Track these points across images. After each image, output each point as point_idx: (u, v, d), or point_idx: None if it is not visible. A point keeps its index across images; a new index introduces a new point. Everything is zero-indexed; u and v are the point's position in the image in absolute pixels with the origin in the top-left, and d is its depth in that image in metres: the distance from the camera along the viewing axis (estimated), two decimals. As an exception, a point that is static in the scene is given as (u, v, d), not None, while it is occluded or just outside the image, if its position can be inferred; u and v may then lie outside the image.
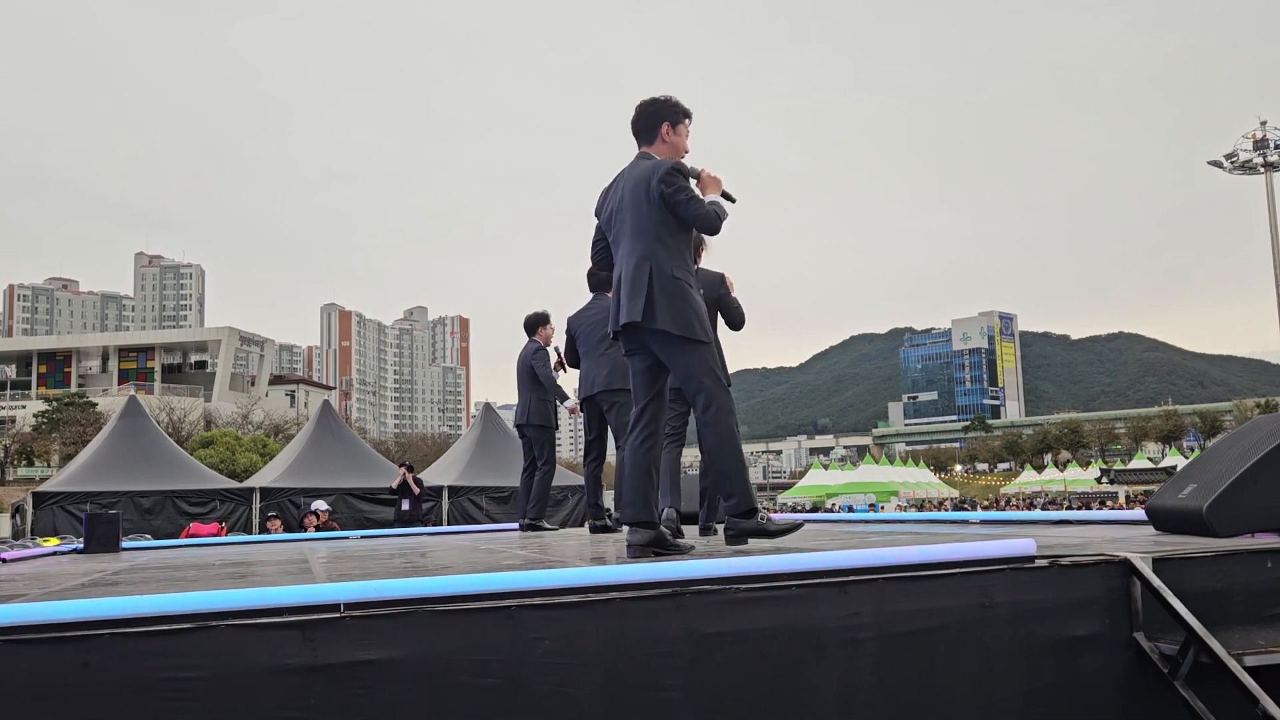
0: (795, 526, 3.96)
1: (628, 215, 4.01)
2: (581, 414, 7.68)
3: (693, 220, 3.92)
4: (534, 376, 7.80)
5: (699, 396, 3.88)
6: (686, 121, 4.14)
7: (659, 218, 3.92)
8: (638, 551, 3.79)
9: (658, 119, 4.09)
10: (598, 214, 4.29)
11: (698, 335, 3.87)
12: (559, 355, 7.69)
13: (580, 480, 17.51)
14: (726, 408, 3.90)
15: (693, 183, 4.10)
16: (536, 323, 7.99)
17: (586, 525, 7.24)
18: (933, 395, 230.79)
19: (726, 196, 4.14)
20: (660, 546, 3.80)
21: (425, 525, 13.77)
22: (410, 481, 14.64)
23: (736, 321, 5.47)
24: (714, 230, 3.93)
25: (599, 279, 6.54)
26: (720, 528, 4.51)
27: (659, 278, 3.87)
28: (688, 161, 4.12)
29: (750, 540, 3.96)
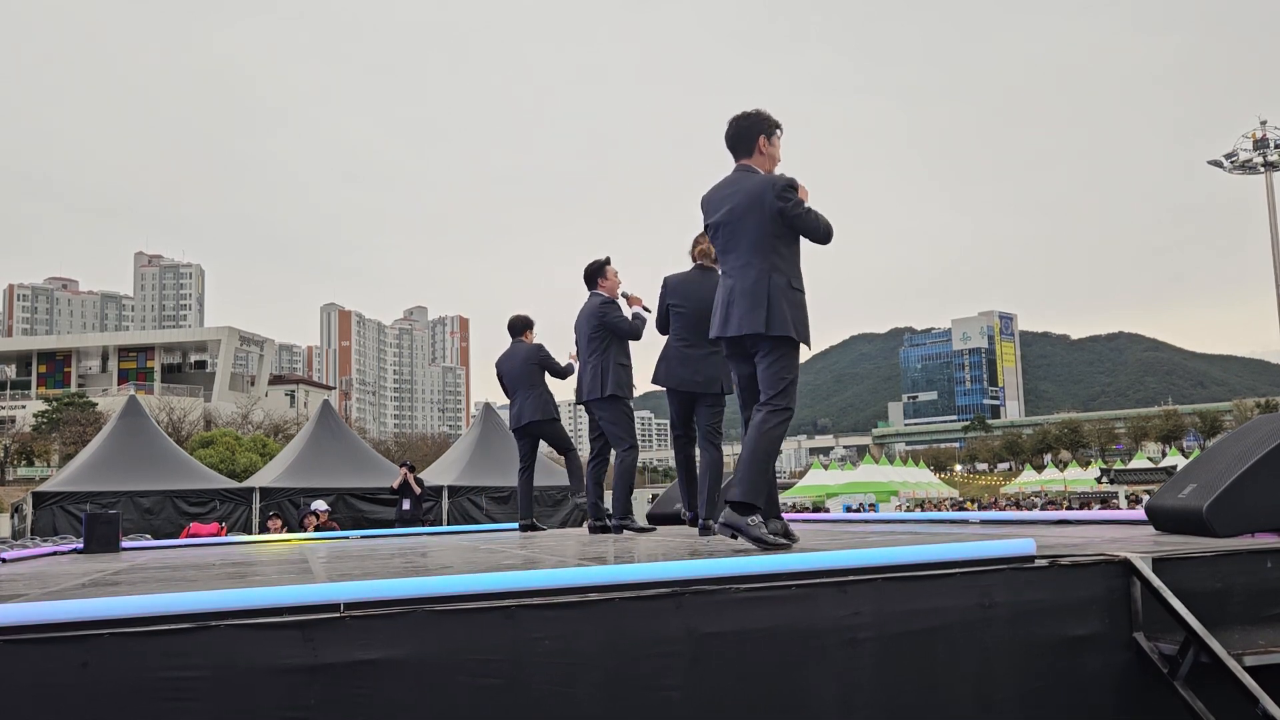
0: (788, 544, 3.85)
1: (740, 229, 4.14)
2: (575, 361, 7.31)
3: (809, 232, 4.08)
4: (539, 375, 7.77)
5: (777, 395, 4.03)
6: (779, 133, 4.30)
7: (775, 231, 4.05)
8: (720, 528, 3.94)
9: (754, 132, 4.24)
10: (704, 210, 4.44)
11: (807, 340, 4.11)
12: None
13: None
14: (786, 414, 4.05)
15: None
16: (525, 326, 7.99)
17: (586, 525, 7.20)
18: (933, 395, 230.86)
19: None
20: (745, 534, 3.87)
21: (425, 525, 13.77)
22: (411, 481, 14.64)
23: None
24: (826, 240, 4.09)
25: (589, 273, 6.58)
26: (716, 525, 4.54)
27: (777, 289, 4.03)
28: (778, 170, 4.26)
29: (738, 538, 3.90)
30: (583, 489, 7.77)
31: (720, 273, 4.31)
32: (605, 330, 6.38)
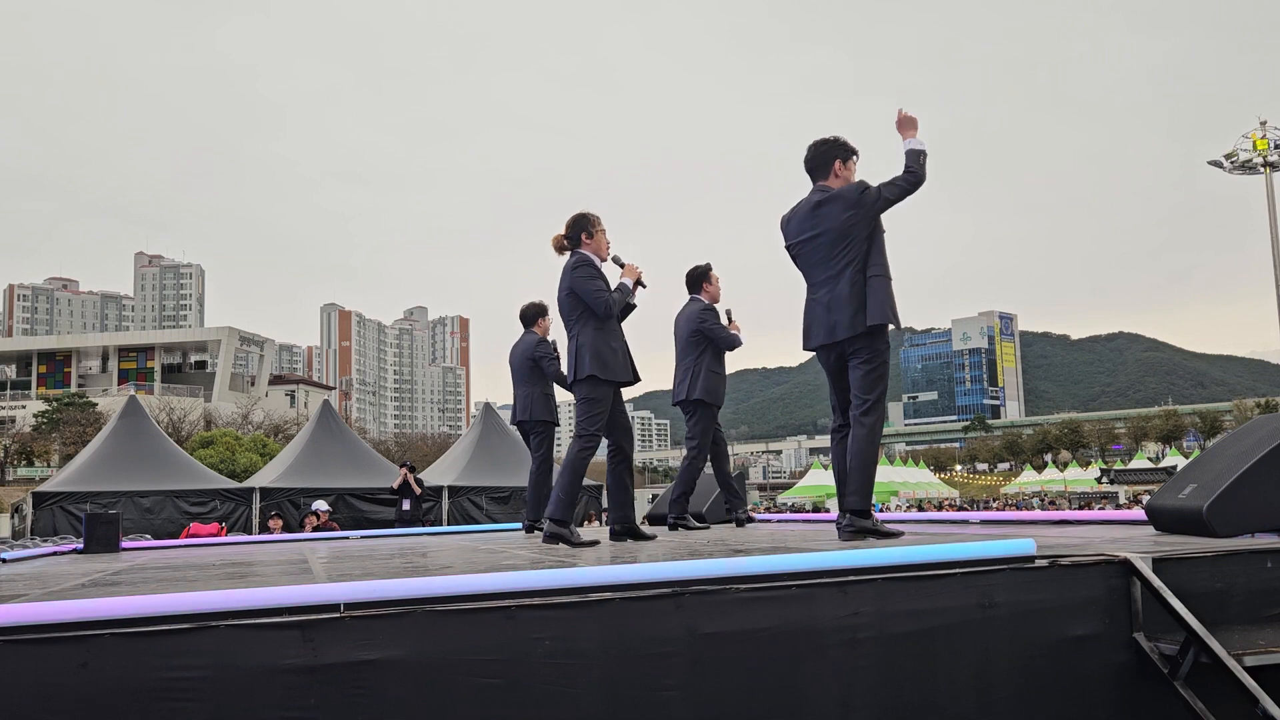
0: (899, 534, 4.28)
1: (825, 243, 4.41)
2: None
3: (900, 197, 4.35)
4: (536, 370, 7.52)
5: (872, 401, 4.32)
6: (854, 158, 4.58)
7: (858, 237, 4.35)
8: (849, 536, 4.25)
9: (830, 157, 4.55)
10: (786, 245, 4.70)
11: (896, 322, 4.34)
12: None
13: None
14: (883, 420, 4.37)
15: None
16: (537, 314, 7.64)
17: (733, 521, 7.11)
18: (933, 395, 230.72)
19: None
20: (875, 534, 4.24)
21: (425, 525, 13.77)
22: (411, 481, 14.63)
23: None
24: (918, 185, 4.36)
25: (693, 277, 6.67)
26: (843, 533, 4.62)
27: (876, 284, 4.31)
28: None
29: (867, 538, 4.25)
30: (539, 514, 7.66)
31: (807, 287, 4.57)
32: (702, 336, 6.51)
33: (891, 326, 4.36)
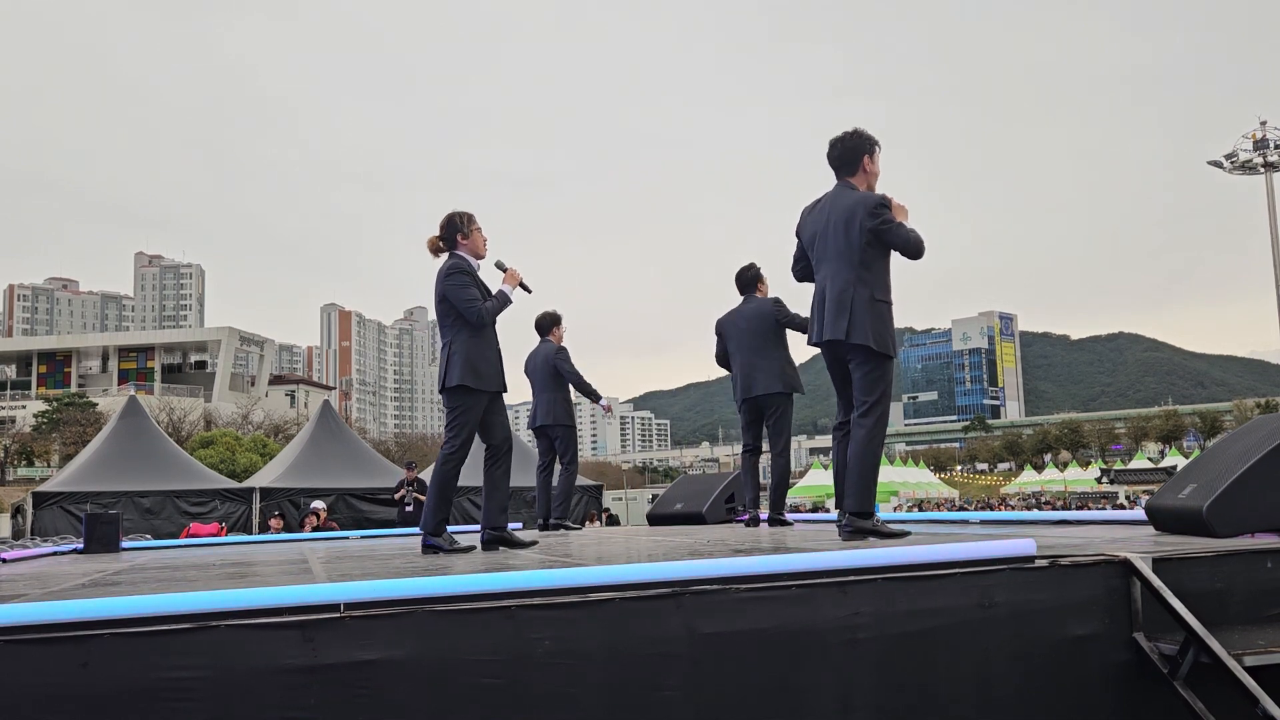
0: (904, 533, 4.28)
1: (832, 241, 4.39)
2: (610, 414, 8.44)
3: (899, 247, 4.32)
4: (557, 377, 7.78)
5: (872, 403, 4.30)
6: (879, 150, 4.52)
7: (865, 244, 4.31)
8: (848, 536, 4.25)
9: (858, 152, 4.48)
10: (799, 234, 4.68)
11: (890, 352, 4.35)
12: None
13: (583, 481, 17.55)
14: (884, 422, 4.35)
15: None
16: (552, 323, 7.96)
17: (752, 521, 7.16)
18: (933, 395, 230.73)
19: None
20: (875, 534, 4.22)
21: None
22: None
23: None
24: (917, 255, 4.34)
25: (748, 279, 6.63)
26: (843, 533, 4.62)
27: (861, 300, 4.27)
28: (881, 190, 4.50)
29: (868, 538, 4.24)
30: (566, 512, 7.84)
31: (815, 283, 4.56)
32: (778, 327, 6.57)
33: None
